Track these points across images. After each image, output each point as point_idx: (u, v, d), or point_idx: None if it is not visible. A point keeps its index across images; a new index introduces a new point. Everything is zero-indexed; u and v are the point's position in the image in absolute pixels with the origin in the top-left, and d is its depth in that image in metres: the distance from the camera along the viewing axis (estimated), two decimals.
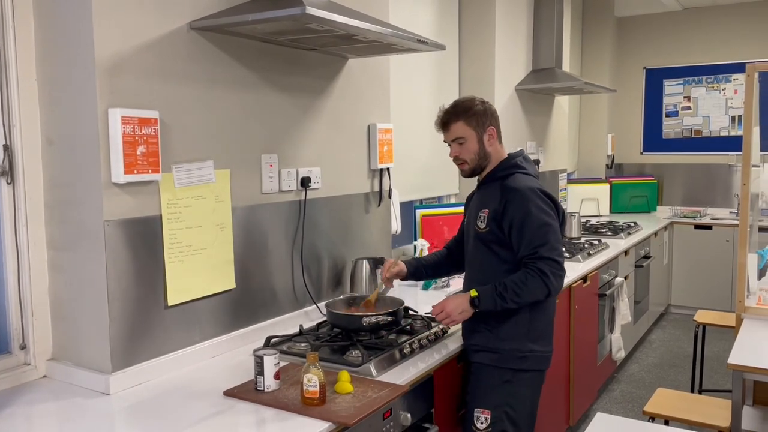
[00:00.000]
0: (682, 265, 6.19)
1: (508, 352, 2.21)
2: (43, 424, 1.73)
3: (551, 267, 2.10)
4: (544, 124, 5.22)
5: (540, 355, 2.24)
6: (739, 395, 2.50)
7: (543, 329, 2.25)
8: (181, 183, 2.07)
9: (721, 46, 6.39)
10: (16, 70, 1.91)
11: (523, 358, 2.21)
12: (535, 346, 2.22)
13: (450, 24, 4.30)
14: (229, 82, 2.24)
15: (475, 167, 2.28)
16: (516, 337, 2.21)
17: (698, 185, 6.59)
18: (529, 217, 2.13)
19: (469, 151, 2.25)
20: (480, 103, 2.26)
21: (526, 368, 2.22)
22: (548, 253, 2.10)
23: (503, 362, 2.21)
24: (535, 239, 2.12)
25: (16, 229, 1.95)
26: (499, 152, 2.29)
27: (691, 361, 4.23)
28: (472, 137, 2.23)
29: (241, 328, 2.33)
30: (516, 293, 2.11)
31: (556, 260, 2.12)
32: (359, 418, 1.70)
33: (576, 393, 3.69)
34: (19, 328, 1.98)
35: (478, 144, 2.24)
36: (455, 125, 2.24)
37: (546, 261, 2.10)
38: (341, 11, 2.08)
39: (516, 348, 2.20)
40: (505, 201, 2.17)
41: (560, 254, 2.15)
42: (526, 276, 2.11)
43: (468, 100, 2.28)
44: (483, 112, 2.25)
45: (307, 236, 2.62)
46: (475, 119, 2.23)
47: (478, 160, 2.26)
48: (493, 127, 2.26)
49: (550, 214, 2.16)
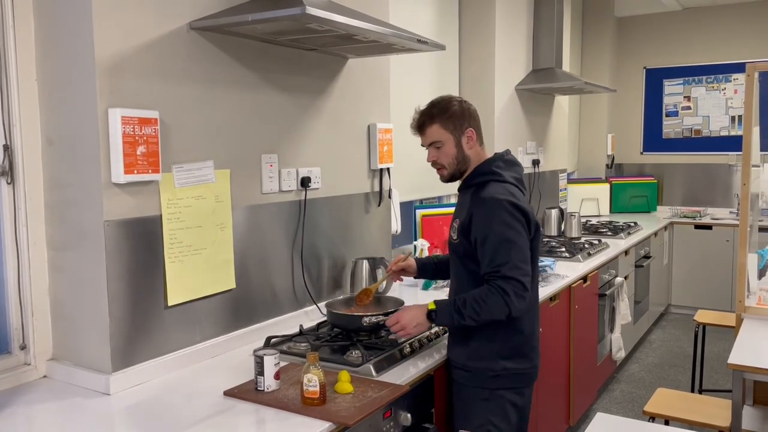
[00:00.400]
0: (682, 265, 6.19)
1: (479, 371, 2.09)
2: (44, 424, 1.73)
3: (513, 287, 1.94)
4: (544, 124, 5.22)
5: (516, 372, 2.10)
6: (739, 395, 2.50)
7: (518, 346, 2.10)
8: (181, 183, 2.07)
9: (721, 45, 6.39)
10: (16, 70, 1.91)
11: (496, 377, 2.08)
12: (509, 364, 2.08)
13: (450, 24, 4.30)
14: (229, 82, 2.24)
15: (453, 172, 2.14)
16: (487, 355, 2.08)
17: (698, 185, 6.59)
18: (491, 233, 1.98)
19: (446, 155, 2.11)
20: (457, 103, 2.12)
21: (502, 387, 2.09)
22: (510, 272, 1.94)
23: (476, 381, 2.10)
24: (496, 257, 1.96)
25: (16, 228, 1.95)
26: (479, 155, 2.14)
27: (691, 360, 4.23)
28: (450, 141, 2.09)
29: (241, 328, 2.33)
30: (475, 311, 1.96)
31: (518, 280, 1.95)
32: (359, 418, 1.70)
33: (576, 393, 3.69)
34: (19, 328, 1.98)
35: (456, 148, 2.10)
36: (431, 128, 2.11)
37: (507, 281, 1.94)
38: (341, 11, 2.08)
39: (487, 367, 2.08)
40: (471, 213, 2.04)
41: (524, 273, 1.97)
42: (488, 294, 1.96)
43: (444, 100, 2.13)
44: (461, 113, 2.10)
45: (307, 236, 2.62)
46: (452, 121, 2.09)
47: (457, 165, 2.12)
48: (472, 128, 2.11)
49: (515, 229, 1.98)
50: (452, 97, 2.16)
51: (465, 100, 2.17)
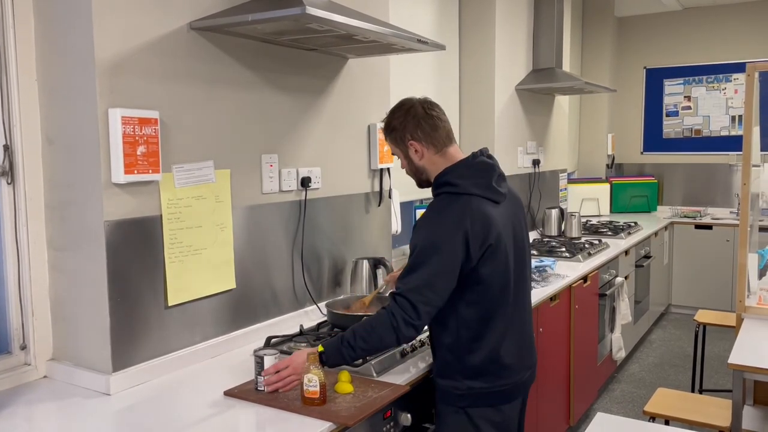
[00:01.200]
0: (682, 264, 6.19)
1: (446, 388, 1.97)
2: (44, 424, 1.73)
3: (402, 312, 1.78)
4: (544, 124, 5.22)
5: (484, 392, 1.93)
6: (740, 395, 2.50)
7: (480, 366, 1.92)
8: (181, 183, 2.07)
9: (721, 45, 6.39)
10: (17, 70, 1.91)
11: (462, 396, 1.94)
12: (474, 383, 1.93)
13: (450, 24, 4.30)
14: (229, 82, 2.24)
15: (417, 181, 2.05)
16: (451, 373, 1.95)
17: (698, 185, 6.59)
18: (412, 253, 1.85)
19: (403, 165, 2.05)
20: (401, 112, 1.97)
21: (471, 405, 1.95)
22: (407, 294, 1.79)
23: (444, 399, 1.99)
24: (403, 278, 1.83)
25: (17, 229, 1.95)
26: (435, 164, 1.96)
27: (691, 360, 4.23)
28: (400, 154, 2.02)
29: (242, 328, 2.33)
30: (364, 340, 1.81)
31: (412, 303, 1.78)
32: (360, 418, 1.70)
33: (576, 393, 3.69)
34: (19, 329, 1.98)
35: (406, 160, 2.01)
36: (387, 141, 2.05)
37: (401, 300, 1.79)
38: (341, 11, 2.08)
39: (452, 385, 1.95)
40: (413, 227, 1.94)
41: (424, 301, 1.78)
42: (378, 319, 1.82)
43: (392, 112, 2.01)
44: (401, 125, 1.95)
45: (308, 236, 2.62)
46: (393, 136, 1.99)
47: (416, 176, 2.03)
48: (414, 141, 1.95)
49: (437, 250, 1.80)
50: (402, 103, 2.00)
51: (424, 102, 1.98)
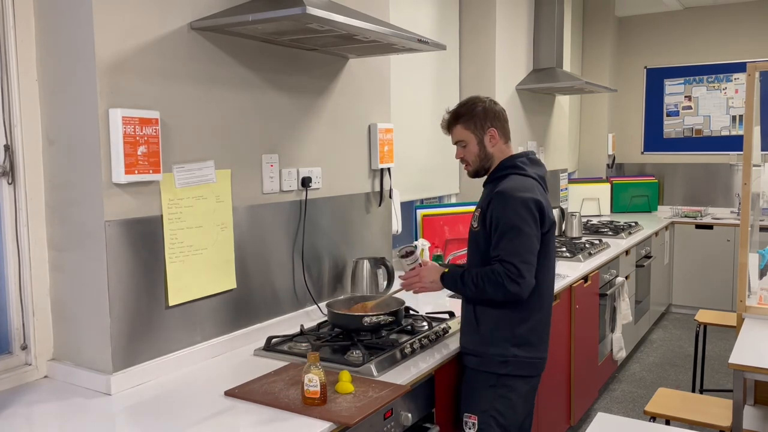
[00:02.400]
0: (683, 264, 6.19)
1: (490, 356, 2.18)
2: (44, 424, 1.73)
3: (507, 271, 2.06)
4: (544, 124, 5.22)
5: (524, 360, 2.19)
6: (740, 395, 2.50)
7: (527, 336, 2.19)
8: (181, 183, 2.07)
9: (722, 45, 6.39)
10: (17, 70, 1.91)
11: (505, 362, 2.17)
12: (519, 352, 2.18)
13: (450, 24, 4.30)
14: (229, 82, 2.24)
15: (478, 168, 2.28)
16: (498, 341, 2.18)
17: (699, 185, 6.58)
18: (502, 219, 2.10)
19: (471, 153, 2.26)
20: (481, 104, 2.25)
21: (510, 373, 2.18)
22: (508, 257, 2.07)
23: (486, 366, 2.19)
24: (500, 242, 2.10)
25: (17, 229, 1.95)
26: (503, 152, 2.27)
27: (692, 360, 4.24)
28: (472, 140, 2.24)
29: (242, 328, 2.34)
30: (475, 284, 2.12)
31: (514, 264, 2.06)
32: (360, 418, 1.70)
33: (577, 393, 3.69)
34: (20, 329, 1.98)
35: (478, 146, 2.24)
36: (456, 129, 2.26)
37: (505, 264, 2.07)
38: (342, 11, 2.08)
39: (498, 353, 2.18)
40: (489, 201, 2.17)
41: (523, 260, 2.07)
42: (490, 273, 2.10)
43: (469, 101, 2.27)
44: (483, 113, 2.23)
45: (308, 236, 2.62)
46: (474, 122, 2.23)
47: (480, 162, 2.26)
48: (494, 128, 2.24)
49: (524, 219, 2.09)
50: (478, 98, 2.28)
51: (493, 101, 2.29)
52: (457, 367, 2.33)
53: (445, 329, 2.42)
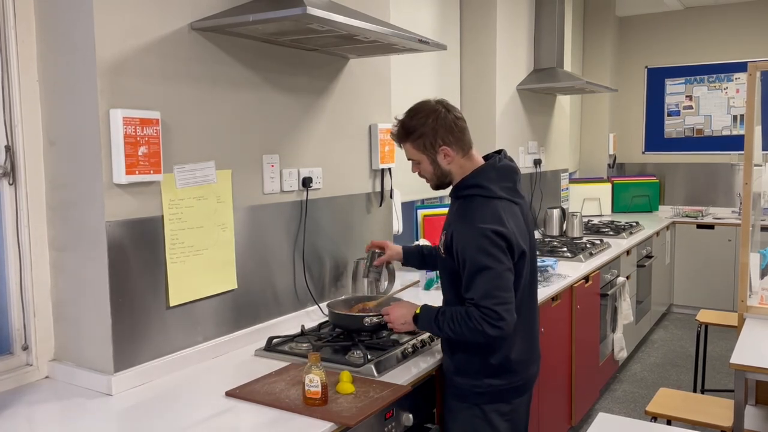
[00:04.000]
0: (684, 264, 6.18)
1: (463, 386, 2.06)
2: (45, 424, 1.73)
3: (485, 316, 1.88)
4: (545, 124, 5.22)
5: (502, 389, 2.05)
6: (742, 395, 2.49)
7: (502, 364, 2.03)
8: (182, 183, 2.07)
9: (723, 45, 6.38)
10: (18, 71, 1.91)
11: (481, 394, 2.04)
12: (494, 381, 2.03)
13: (451, 24, 4.30)
14: (230, 83, 2.24)
15: (437, 184, 2.10)
16: (471, 372, 2.05)
17: (700, 185, 6.58)
18: (468, 258, 1.92)
19: (426, 171, 2.07)
20: (432, 115, 1.99)
21: (486, 402, 2.05)
22: (484, 302, 1.89)
23: (461, 397, 2.08)
24: (471, 285, 1.92)
25: (18, 229, 1.95)
26: (463, 167, 2.04)
27: (693, 360, 4.23)
28: (425, 160, 2.04)
29: (243, 328, 2.34)
30: (451, 329, 1.94)
31: (493, 309, 1.88)
32: (361, 419, 1.70)
33: (578, 393, 3.68)
34: (21, 329, 1.98)
35: (432, 166, 2.04)
36: (405, 146, 2.05)
37: (481, 310, 1.89)
38: (342, 11, 2.08)
39: (472, 384, 2.05)
40: (452, 232, 1.99)
41: (500, 301, 1.89)
42: (467, 319, 1.92)
43: (418, 112, 2.01)
44: (432, 131, 1.98)
45: (309, 236, 2.62)
46: (423, 141, 2.00)
47: (437, 180, 2.08)
48: (446, 146, 1.99)
49: (491, 255, 1.90)
50: (429, 108, 2.02)
51: (446, 108, 2.02)
52: None
53: None
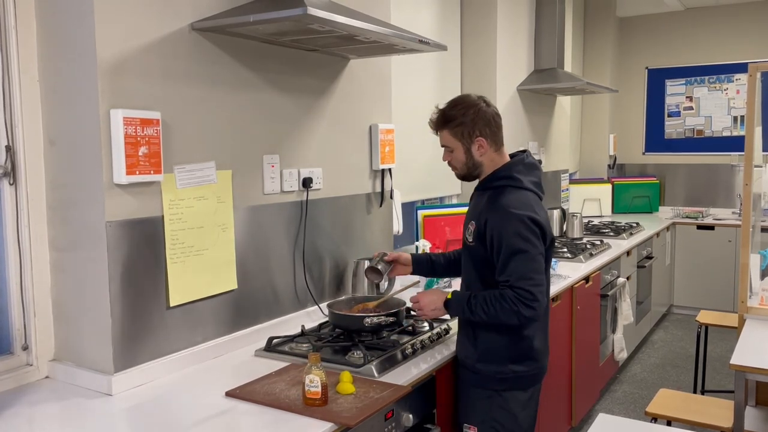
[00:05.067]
0: (684, 265, 6.18)
1: (487, 374, 2.13)
2: (45, 425, 1.73)
3: (522, 298, 1.96)
4: (545, 125, 5.22)
5: (523, 375, 2.14)
6: (742, 396, 2.49)
7: (526, 351, 2.13)
8: (183, 184, 2.07)
9: (724, 46, 6.38)
10: (19, 71, 1.91)
11: (504, 380, 2.12)
12: (517, 368, 2.12)
13: (451, 24, 4.30)
14: (230, 83, 2.24)
15: (465, 174, 2.17)
16: (495, 359, 2.12)
17: (700, 185, 6.58)
18: (504, 243, 2.00)
19: (457, 160, 2.13)
20: (473, 108, 2.08)
21: (508, 388, 2.13)
22: (519, 283, 1.97)
23: (484, 383, 2.14)
24: (507, 267, 2.00)
25: (19, 229, 1.95)
26: (493, 161, 2.13)
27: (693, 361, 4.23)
28: (459, 148, 2.10)
29: (243, 328, 2.34)
30: (485, 311, 2.01)
31: (528, 290, 1.97)
32: (361, 419, 1.70)
33: (578, 393, 3.68)
34: (21, 329, 1.98)
35: (465, 155, 2.11)
36: (442, 133, 2.13)
37: (517, 291, 1.97)
38: (342, 12, 2.08)
39: (496, 370, 2.12)
40: (486, 219, 2.06)
41: (535, 283, 1.98)
42: (499, 299, 1.99)
43: (461, 104, 2.10)
44: (472, 121, 2.07)
45: (309, 237, 2.62)
46: (461, 130, 2.08)
47: (467, 170, 2.14)
48: (483, 138, 2.08)
49: (528, 239, 2.00)
50: (471, 100, 2.11)
51: (487, 102, 2.12)
52: (457, 368, 2.32)
53: (446, 330, 2.42)
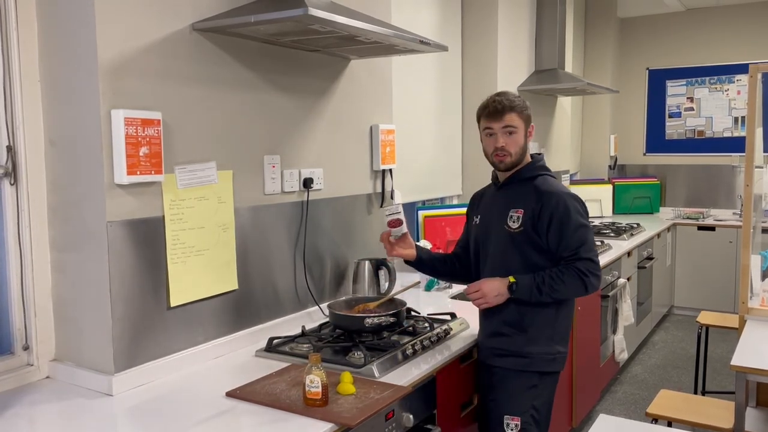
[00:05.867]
0: (685, 266, 6.18)
1: (537, 355, 2.24)
2: (46, 425, 1.73)
3: (590, 267, 2.17)
4: (546, 125, 5.22)
5: (564, 356, 2.30)
6: (743, 397, 2.49)
7: (565, 330, 2.31)
8: (183, 184, 2.08)
9: (724, 46, 6.38)
10: (20, 72, 1.91)
11: (552, 360, 2.26)
12: (560, 347, 2.28)
13: (452, 25, 4.30)
14: (231, 83, 2.25)
15: (515, 161, 2.29)
16: (543, 339, 2.24)
17: (701, 186, 6.58)
18: (568, 220, 2.18)
19: (515, 143, 2.27)
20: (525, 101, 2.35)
21: (552, 370, 2.27)
22: (587, 254, 2.18)
23: (533, 366, 2.24)
24: (573, 241, 2.18)
25: (20, 230, 1.96)
26: (526, 152, 2.34)
27: (694, 362, 4.22)
28: (522, 130, 2.28)
29: (244, 329, 2.34)
30: (553, 288, 2.16)
31: (594, 260, 2.19)
32: (362, 419, 1.70)
33: (579, 394, 3.68)
34: (22, 329, 1.98)
35: (524, 138, 2.29)
36: (510, 114, 2.26)
37: (585, 261, 2.17)
38: (343, 12, 2.08)
39: (545, 351, 2.24)
40: (542, 203, 2.21)
41: (596, 255, 2.23)
42: (566, 274, 2.17)
43: (516, 96, 2.34)
44: (529, 112, 2.34)
45: (310, 237, 2.62)
46: (525, 115, 2.30)
47: (520, 154, 2.29)
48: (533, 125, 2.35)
49: (585, 217, 2.23)
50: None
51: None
52: (459, 368, 2.33)
53: (447, 330, 2.41)
